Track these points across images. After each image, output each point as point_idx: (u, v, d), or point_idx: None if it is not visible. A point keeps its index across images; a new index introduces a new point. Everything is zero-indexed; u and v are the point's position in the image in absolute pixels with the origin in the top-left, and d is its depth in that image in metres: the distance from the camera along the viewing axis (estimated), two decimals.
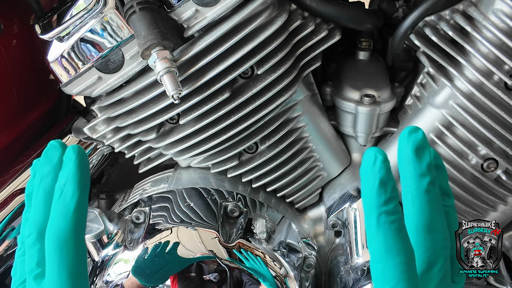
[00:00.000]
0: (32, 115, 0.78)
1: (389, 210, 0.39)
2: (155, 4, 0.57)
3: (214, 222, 0.66)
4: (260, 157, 0.72)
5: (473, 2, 0.62)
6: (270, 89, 0.65)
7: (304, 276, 0.69)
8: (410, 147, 0.41)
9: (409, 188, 0.41)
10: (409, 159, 0.41)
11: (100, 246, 0.67)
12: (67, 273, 0.41)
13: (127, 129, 0.69)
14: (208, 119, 0.65)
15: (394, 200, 0.39)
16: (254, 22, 0.60)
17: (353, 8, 0.67)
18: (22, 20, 0.78)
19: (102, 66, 0.63)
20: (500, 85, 0.62)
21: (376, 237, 0.39)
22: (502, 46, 0.60)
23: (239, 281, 0.63)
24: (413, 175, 0.41)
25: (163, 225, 0.66)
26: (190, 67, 0.60)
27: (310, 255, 0.70)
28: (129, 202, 0.74)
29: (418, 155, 0.41)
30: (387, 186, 0.39)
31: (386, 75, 0.74)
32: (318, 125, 0.74)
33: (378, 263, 0.39)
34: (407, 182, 0.41)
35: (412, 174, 0.41)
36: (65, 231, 0.42)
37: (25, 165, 0.71)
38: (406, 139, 0.41)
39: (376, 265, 0.39)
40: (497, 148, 0.66)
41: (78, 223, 0.42)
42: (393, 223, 0.38)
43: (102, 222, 0.66)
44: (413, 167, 0.41)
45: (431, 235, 0.40)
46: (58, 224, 0.42)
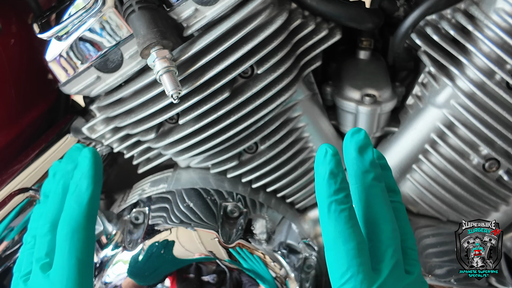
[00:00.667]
0: (30, 115, 0.78)
1: (339, 199, 0.41)
2: (154, 3, 0.57)
3: (213, 222, 0.66)
4: (260, 157, 0.72)
5: (475, 1, 0.61)
6: (270, 88, 0.65)
7: (304, 277, 0.68)
8: (353, 146, 0.44)
9: (355, 185, 0.44)
10: (352, 158, 0.44)
11: (99, 247, 0.67)
12: (76, 260, 0.44)
13: (126, 129, 0.69)
14: (207, 119, 0.65)
15: (343, 190, 0.42)
16: (254, 21, 0.59)
17: (354, 7, 0.67)
18: (20, 19, 0.77)
19: (101, 65, 0.62)
20: (502, 85, 0.62)
21: (327, 225, 0.41)
22: (504, 45, 0.59)
23: (239, 282, 0.63)
24: (357, 172, 0.44)
25: (162, 225, 0.65)
26: (189, 66, 0.60)
27: (311, 256, 0.69)
28: (128, 202, 0.73)
29: (361, 154, 0.44)
30: (337, 177, 0.42)
31: (387, 75, 0.74)
32: (319, 125, 0.74)
33: (331, 250, 0.41)
34: (352, 179, 0.44)
35: (356, 171, 0.44)
36: (78, 219, 0.45)
37: (23, 165, 0.70)
38: (349, 140, 0.44)
39: (329, 252, 0.41)
40: (499, 148, 0.66)
41: (90, 213, 0.46)
42: (343, 212, 0.41)
43: (101, 223, 0.66)
44: (357, 165, 0.44)
45: (379, 227, 0.43)
46: (71, 212, 0.45)
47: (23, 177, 0.69)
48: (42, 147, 0.73)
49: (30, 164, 0.71)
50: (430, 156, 0.71)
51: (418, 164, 0.72)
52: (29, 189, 0.68)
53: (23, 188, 0.68)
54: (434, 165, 0.71)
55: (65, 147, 0.74)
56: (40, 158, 0.72)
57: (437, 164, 0.71)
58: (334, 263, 0.41)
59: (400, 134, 0.73)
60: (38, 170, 0.71)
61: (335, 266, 0.41)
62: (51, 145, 0.74)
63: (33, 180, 0.70)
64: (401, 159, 0.73)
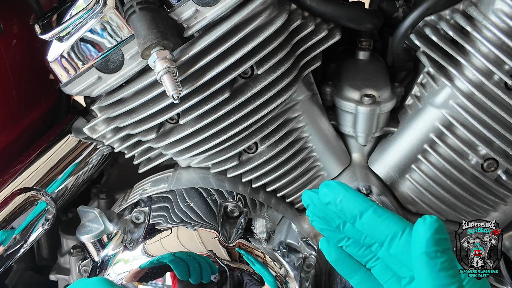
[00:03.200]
0: (32, 115, 0.78)
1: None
2: (155, 4, 0.57)
3: (214, 222, 0.66)
4: (260, 157, 0.72)
5: (473, 2, 0.62)
6: (270, 89, 0.65)
7: (304, 276, 0.69)
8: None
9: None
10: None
11: (100, 246, 0.67)
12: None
13: (127, 129, 0.69)
14: (208, 119, 0.65)
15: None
16: (254, 22, 0.60)
17: (353, 8, 0.67)
18: (22, 20, 0.78)
19: (102, 66, 0.63)
20: (500, 85, 0.62)
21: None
22: (502, 46, 0.59)
23: (240, 282, 0.63)
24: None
25: (163, 225, 0.66)
26: (190, 67, 0.60)
27: (310, 255, 0.70)
28: (129, 202, 0.74)
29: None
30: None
31: (386, 75, 0.74)
32: (318, 125, 0.74)
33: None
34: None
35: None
36: None
37: (25, 165, 0.71)
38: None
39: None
40: (497, 148, 0.66)
41: None
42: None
43: (102, 222, 0.66)
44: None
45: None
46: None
47: (25, 177, 0.70)
48: (43, 147, 0.73)
49: (32, 164, 0.71)
50: (429, 156, 0.71)
51: (417, 164, 0.72)
52: (30, 188, 0.68)
53: (24, 187, 0.68)
54: (433, 165, 0.71)
55: (66, 147, 0.74)
56: (42, 158, 0.72)
57: (436, 164, 0.71)
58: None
59: (399, 134, 0.73)
60: (40, 170, 0.71)
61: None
62: (52, 145, 0.74)
63: (35, 180, 0.70)
64: (400, 159, 0.73)
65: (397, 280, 0.46)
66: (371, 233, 0.45)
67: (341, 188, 0.46)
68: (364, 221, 0.44)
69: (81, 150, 0.75)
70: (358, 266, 0.50)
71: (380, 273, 0.48)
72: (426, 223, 0.40)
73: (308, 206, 0.49)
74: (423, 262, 0.40)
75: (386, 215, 0.44)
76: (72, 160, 0.74)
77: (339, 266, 0.50)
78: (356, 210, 0.45)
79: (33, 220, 0.66)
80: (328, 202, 0.46)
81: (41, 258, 0.96)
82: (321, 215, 0.48)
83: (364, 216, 0.44)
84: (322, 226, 0.49)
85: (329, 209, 0.47)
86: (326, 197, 0.46)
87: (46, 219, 0.68)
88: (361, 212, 0.44)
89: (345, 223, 0.47)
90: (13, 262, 0.70)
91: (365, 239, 0.47)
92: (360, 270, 0.50)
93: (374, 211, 0.44)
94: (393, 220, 0.44)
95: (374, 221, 0.44)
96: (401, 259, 0.44)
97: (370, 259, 0.48)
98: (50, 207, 0.68)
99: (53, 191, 0.71)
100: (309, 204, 0.49)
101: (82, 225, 0.67)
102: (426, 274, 0.40)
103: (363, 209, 0.44)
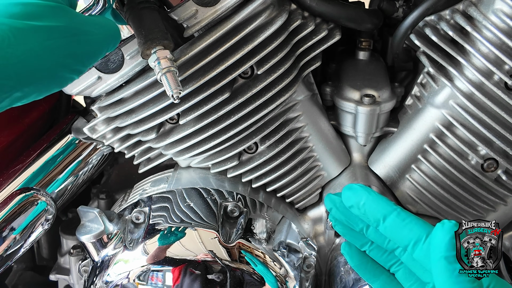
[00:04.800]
0: (32, 115, 0.78)
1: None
2: (155, 4, 0.57)
3: (214, 222, 0.66)
4: (260, 157, 0.72)
5: (473, 2, 0.62)
6: (270, 89, 0.65)
7: (304, 276, 0.69)
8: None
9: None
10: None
11: (100, 246, 0.67)
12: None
13: (127, 129, 0.69)
14: (208, 119, 0.65)
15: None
16: (254, 22, 0.60)
17: (353, 8, 0.67)
18: None
19: (102, 66, 0.63)
20: (500, 85, 0.62)
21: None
22: (502, 46, 0.60)
23: (241, 281, 0.63)
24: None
25: (163, 225, 0.66)
26: (190, 67, 0.60)
27: (310, 255, 0.70)
28: (129, 202, 0.74)
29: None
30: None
31: (386, 75, 0.74)
32: (318, 125, 0.74)
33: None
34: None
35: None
36: None
37: (25, 165, 0.71)
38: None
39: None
40: (497, 148, 0.66)
41: None
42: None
43: (102, 222, 0.66)
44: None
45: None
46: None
47: (25, 177, 0.69)
48: (43, 147, 0.73)
49: (32, 164, 0.71)
50: (429, 156, 0.71)
51: (417, 164, 0.72)
52: (30, 189, 0.68)
53: (24, 187, 0.68)
54: (433, 165, 0.71)
55: (66, 147, 0.74)
56: (42, 158, 0.72)
57: (436, 164, 0.71)
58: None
59: (399, 134, 0.73)
60: (40, 170, 0.71)
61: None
62: (52, 145, 0.74)
63: (35, 180, 0.70)
64: (400, 159, 0.73)
65: (421, 285, 0.46)
66: (394, 237, 0.45)
67: (365, 191, 0.45)
68: (388, 224, 0.44)
69: (81, 150, 0.75)
70: (381, 270, 0.49)
71: (403, 277, 0.47)
72: (444, 227, 0.41)
73: (331, 210, 0.48)
74: (442, 267, 0.40)
75: (410, 219, 0.44)
76: (72, 160, 0.74)
77: (361, 270, 0.50)
78: (379, 213, 0.44)
79: (33, 220, 0.66)
80: (351, 205, 0.46)
81: (41, 258, 0.96)
82: (344, 219, 0.48)
83: (387, 220, 0.44)
84: (345, 231, 0.49)
85: (352, 213, 0.46)
86: (349, 200, 0.46)
87: (46, 219, 0.68)
88: (384, 216, 0.44)
89: (368, 227, 0.47)
90: (13, 262, 0.70)
91: (388, 243, 0.46)
92: (382, 274, 0.49)
93: (398, 215, 0.44)
94: (417, 224, 0.44)
95: (397, 225, 0.44)
96: (424, 264, 0.44)
97: (393, 264, 0.48)
98: (50, 207, 0.68)
99: (53, 191, 0.71)
100: (331, 208, 0.48)
101: (82, 225, 0.67)
102: (445, 279, 0.40)
103: (387, 212, 0.44)
